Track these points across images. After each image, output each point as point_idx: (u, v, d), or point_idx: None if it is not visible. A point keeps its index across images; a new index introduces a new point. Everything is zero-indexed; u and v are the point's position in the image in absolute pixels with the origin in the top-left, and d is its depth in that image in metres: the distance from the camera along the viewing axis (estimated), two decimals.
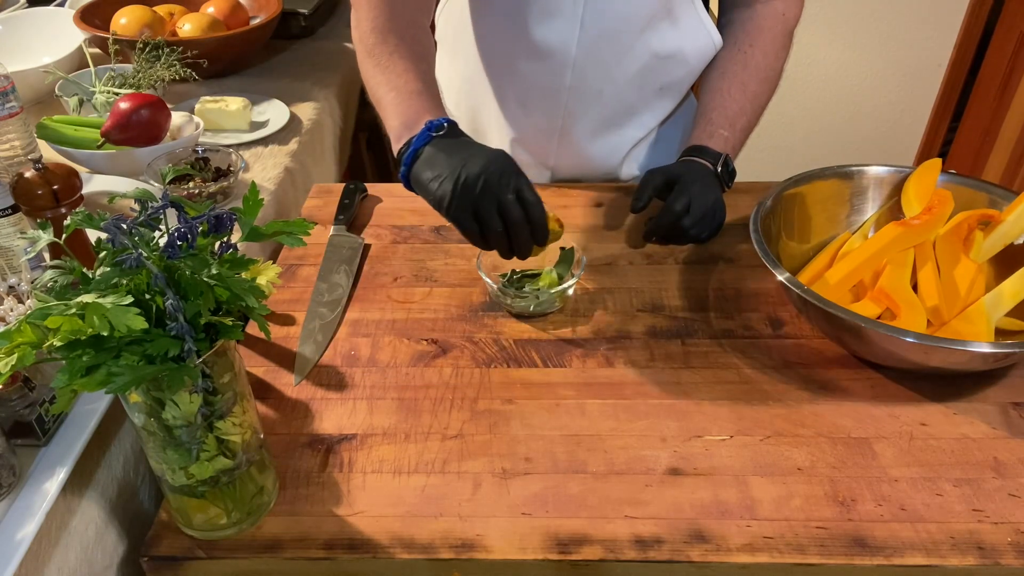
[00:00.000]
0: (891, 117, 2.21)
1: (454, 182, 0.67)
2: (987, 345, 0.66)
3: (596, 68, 0.94)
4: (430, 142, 0.71)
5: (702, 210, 0.85)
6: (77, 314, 0.46)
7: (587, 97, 0.97)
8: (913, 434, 0.68)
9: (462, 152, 0.69)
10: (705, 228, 0.87)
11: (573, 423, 0.69)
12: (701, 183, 0.87)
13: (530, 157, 1.05)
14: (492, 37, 0.97)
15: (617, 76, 0.95)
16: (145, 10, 1.33)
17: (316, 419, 0.71)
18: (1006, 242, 0.80)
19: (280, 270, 0.60)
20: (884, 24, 2.05)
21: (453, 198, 0.68)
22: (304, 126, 1.21)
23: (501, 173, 0.68)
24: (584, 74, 0.94)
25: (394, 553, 0.59)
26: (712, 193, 0.87)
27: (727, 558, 0.58)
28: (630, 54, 0.93)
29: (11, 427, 0.60)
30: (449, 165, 0.68)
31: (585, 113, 0.98)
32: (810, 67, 2.14)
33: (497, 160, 0.68)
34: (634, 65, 0.95)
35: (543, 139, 1.02)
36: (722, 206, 0.88)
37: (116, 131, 1.00)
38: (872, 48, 2.09)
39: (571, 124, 0.99)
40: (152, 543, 0.61)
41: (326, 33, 1.55)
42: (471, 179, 0.67)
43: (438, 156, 0.70)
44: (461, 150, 0.69)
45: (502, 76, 0.99)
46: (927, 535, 0.59)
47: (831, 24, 2.06)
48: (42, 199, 0.70)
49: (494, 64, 0.99)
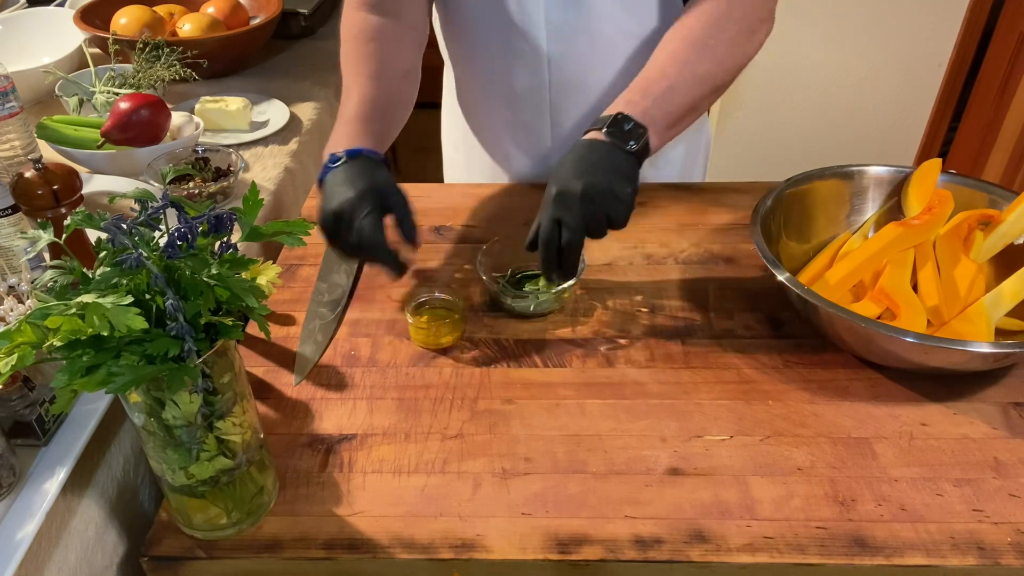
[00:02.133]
0: (891, 117, 2.21)
1: (321, 216, 0.75)
2: (987, 345, 0.66)
3: (572, 62, 0.93)
4: (326, 175, 0.78)
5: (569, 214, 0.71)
6: (77, 314, 0.46)
7: (570, 91, 0.96)
8: (913, 434, 0.68)
9: (335, 188, 0.75)
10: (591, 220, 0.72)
11: (573, 423, 0.69)
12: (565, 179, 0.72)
13: (526, 155, 1.05)
14: (472, 39, 0.97)
15: (596, 66, 0.94)
16: (145, 10, 1.33)
17: (316, 419, 0.71)
18: (1006, 242, 0.80)
19: (280, 270, 0.60)
20: (884, 24, 2.05)
21: (322, 225, 0.75)
22: (304, 126, 1.21)
23: (346, 213, 0.73)
24: (562, 69, 0.94)
25: (394, 553, 0.59)
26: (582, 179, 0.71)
27: (727, 558, 0.58)
28: (604, 42, 0.92)
29: (11, 427, 0.60)
30: (325, 197, 0.76)
31: (573, 107, 0.98)
32: (810, 67, 2.14)
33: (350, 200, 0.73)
34: (611, 53, 0.93)
35: (536, 136, 1.02)
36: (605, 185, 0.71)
37: (116, 131, 1.00)
38: (872, 48, 2.09)
39: (561, 119, 0.99)
40: (152, 543, 0.61)
41: (326, 33, 1.55)
42: (325, 217, 0.74)
43: (324, 189, 0.77)
44: (335, 186, 0.76)
45: (486, 76, 0.99)
46: (927, 535, 0.59)
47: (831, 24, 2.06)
48: (42, 199, 0.70)
49: (477, 65, 0.99)
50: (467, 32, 0.97)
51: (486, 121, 1.05)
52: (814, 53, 2.11)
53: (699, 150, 1.12)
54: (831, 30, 2.07)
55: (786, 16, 2.06)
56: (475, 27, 0.95)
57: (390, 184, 0.78)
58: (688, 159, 1.10)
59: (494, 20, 0.92)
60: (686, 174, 1.10)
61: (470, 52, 0.99)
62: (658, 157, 1.07)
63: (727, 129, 2.28)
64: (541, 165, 1.06)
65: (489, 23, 0.93)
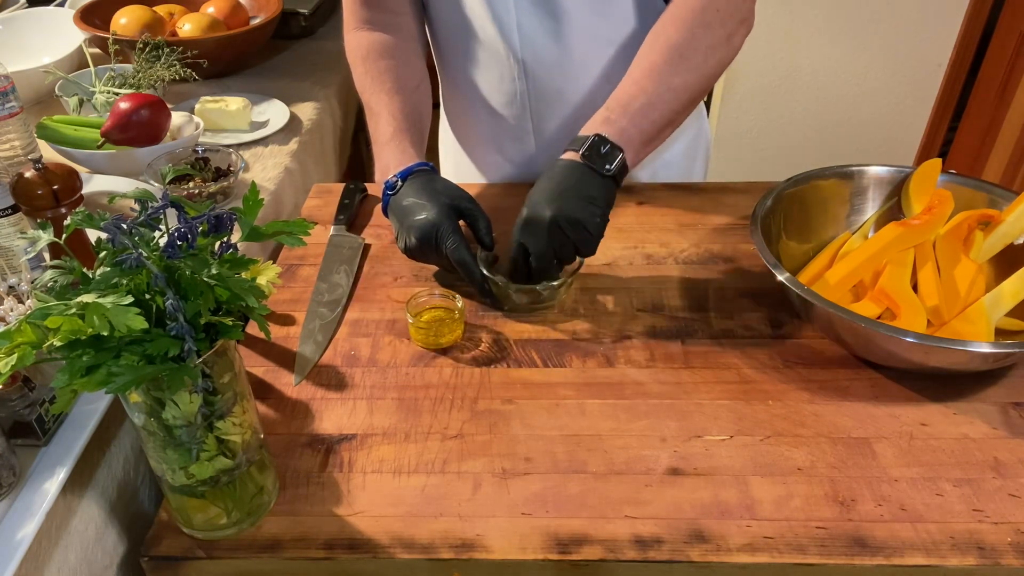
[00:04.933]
0: (891, 117, 2.21)
1: (404, 245, 0.82)
2: (987, 345, 0.66)
3: (548, 69, 0.92)
4: (388, 203, 0.84)
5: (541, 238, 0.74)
6: (77, 314, 0.46)
7: (548, 98, 0.95)
8: (913, 434, 0.68)
9: (405, 217, 0.81)
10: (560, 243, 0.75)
11: (573, 423, 0.69)
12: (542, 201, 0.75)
13: (511, 162, 1.04)
14: (451, 47, 0.97)
15: (573, 73, 0.93)
16: (145, 10, 1.33)
17: (316, 419, 0.71)
18: (1006, 242, 0.80)
19: (280, 270, 0.60)
20: (884, 24, 2.05)
21: (408, 254, 0.83)
22: (304, 126, 1.21)
23: (427, 241, 0.79)
24: (538, 77, 0.93)
25: (394, 553, 0.59)
26: (551, 206, 0.73)
27: (727, 558, 0.58)
28: (579, 49, 0.90)
29: (11, 427, 0.60)
30: (399, 226, 0.82)
31: (553, 114, 0.97)
32: (810, 67, 2.14)
33: (426, 227, 0.78)
34: (587, 59, 0.91)
35: (519, 142, 1.01)
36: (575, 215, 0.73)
37: (116, 131, 1.00)
38: (872, 48, 2.09)
39: (543, 126, 0.99)
40: (152, 543, 0.61)
41: (326, 33, 1.55)
42: (411, 247, 0.81)
43: (392, 217, 0.83)
44: (405, 215, 0.81)
45: (467, 84, 0.99)
46: (927, 535, 0.59)
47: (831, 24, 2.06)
48: (42, 199, 0.70)
49: (458, 73, 0.99)
50: (445, 41, 0.97)
51: (471, 129, 1.05)
52: (814, 53, 2.11)
53: (699, 151, 1.12)
54: (831, 30, 2.07)
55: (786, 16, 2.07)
56: (452, 36, 0.95)
57: (457, 193, 0.81)
58: (688, 161, 1.10)
59: (468, 28, 0.92)
60: (686, 176, 1.10)
61: (450, 60, 0.99)
62: (657, 159, 1.07)
63: (727, 129, 2.28)
64: (528, 170, 1.05)
65: (464, 31, 0.93)
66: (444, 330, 0.77)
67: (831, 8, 2.04)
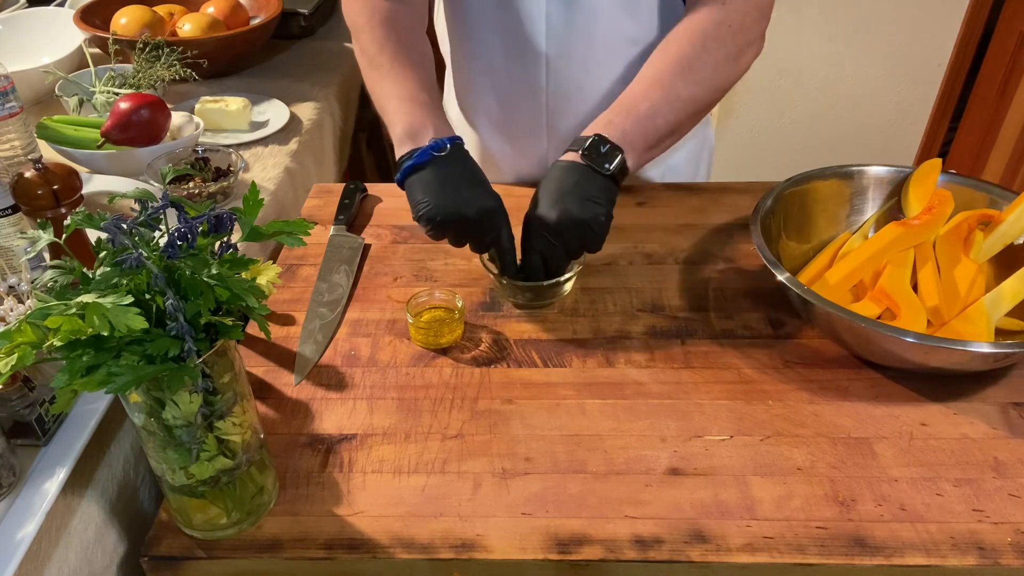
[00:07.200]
0: (891, 117, 2.21)
1: (441, 216, 0.73)
2: (987, 345, 0.66)
3: (570, 64, 0.93)
4: (430, 162, 0.75)
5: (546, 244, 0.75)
6: (77, 314, 0.46)
7: (567, 94, 0.96)
8: (913, 434, 0.68)
9: (457, 191, 0.74)
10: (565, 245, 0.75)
11: (573, 423, 0.69)
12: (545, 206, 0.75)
13: (522, 158, 1.04)
14: (473, 37, 0.97)
15: (594, 70, 0.93)
16: (145, 10, 1.33)
17: (316, 419, 0.71)
18: (1006, 242, 0.80)
19: (280, 270, 0.60)
20: (884, 24, 2.05)
21: (432, 228, 0.74)
22: (304, 126, 1.21)
23: (482, 227, 0.74)
24: (559, 71, 0.94)
25: (394, 553, 0.59)
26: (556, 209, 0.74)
27: (727, 558, 0.58)
28: (603, 46, 0.91)
29: (11, 427, 0.60)
30: (440, 197, 0.73)
31: (569, 111, 0.97)
32: (811, 67, 2.14)
33: (484, 212, 0.74)
34: (610, 58, 0.92)
35: (531, 137, 1.02)
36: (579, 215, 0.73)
37: (116, 131, 1.00)
38: (872, 48, 2.09)
39: (557, 121, 0.99)
40: (152, 543, 0.61)
41: (326, 33, 1.55)
42: (454, 223, 0.74)
43: (433, 182, 0.74)
44: (457, 188, 0.74)
45: (485, 76, 0.99)
46: (927, 535, 0.59)
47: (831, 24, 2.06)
48: (42, 199, 0.70)
49: (476, 64, 0.99)
50: (468, 30, 0.96)
51: (483, 123, 1.05)
52: (814, 53, 2.12)
53: (702, 156, 1.12)
54: (831, 30, 2.08)
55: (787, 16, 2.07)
56: (477, 25, 0.95)
57: (487, 181, 0.79)
58: (690, 166, 1.10)
59: (495, 17, 0.92)
60: (689, 180, 1.10)
61: (470, 51, 0.98)
62: (661, 164, 1.07)
63: (727, 129, 2.28)
64: (537, 168, 1.06)
65: (490, 21, 0.93)
66: (444, 330, 0.77)
67: (831, 8, 2.04)
